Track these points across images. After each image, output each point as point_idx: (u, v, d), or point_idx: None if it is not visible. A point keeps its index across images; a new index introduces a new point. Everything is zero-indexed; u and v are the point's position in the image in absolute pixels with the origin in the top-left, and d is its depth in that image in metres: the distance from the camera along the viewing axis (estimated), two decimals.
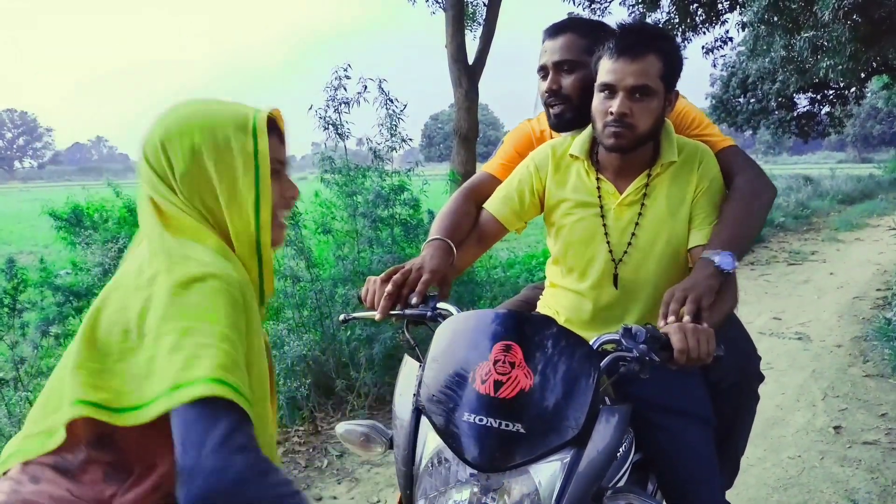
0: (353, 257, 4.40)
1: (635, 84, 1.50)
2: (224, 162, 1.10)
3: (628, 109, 1.52)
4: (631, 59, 1.50)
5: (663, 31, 1.62)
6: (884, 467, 3.18)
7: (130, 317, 0.98)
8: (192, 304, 0.95)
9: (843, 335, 5.35)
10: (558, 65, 1.78)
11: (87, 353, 0.98)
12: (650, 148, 1.64)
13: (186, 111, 1.12)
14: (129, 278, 1.03)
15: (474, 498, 1.19)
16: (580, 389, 1.21)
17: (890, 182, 22.06)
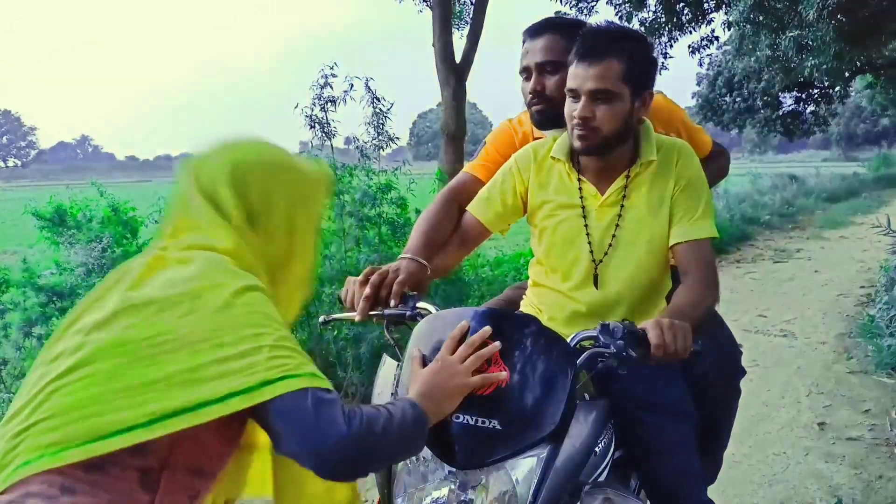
0: (340, 256, 4.40)
1: (594, 88, 1.51)
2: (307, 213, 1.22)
3: (590, 113, 1.53)
4: (589, 63, 1.51)
5: (627, 32, 1.62)
6: (867, 463, 3.22)
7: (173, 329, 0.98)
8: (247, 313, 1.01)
9: (828, 332, 5.40)
10: (541, 66, 1.79)
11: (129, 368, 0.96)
12: (629, 148, 1.64)
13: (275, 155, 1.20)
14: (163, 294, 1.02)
15: (452, 495, 1.20)
16: (557, 385, 1.22)
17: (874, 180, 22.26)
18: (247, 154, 1.17)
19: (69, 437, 0.91)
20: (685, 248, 1.60)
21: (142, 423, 0.92)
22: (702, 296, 1.51)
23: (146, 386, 0.94)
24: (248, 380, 0.95)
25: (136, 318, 0.99)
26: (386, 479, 1.30)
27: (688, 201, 1.62)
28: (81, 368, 0.96)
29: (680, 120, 1.96)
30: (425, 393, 1.17)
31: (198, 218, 1.13)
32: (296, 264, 1.21)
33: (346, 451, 0.97)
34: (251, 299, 1.03)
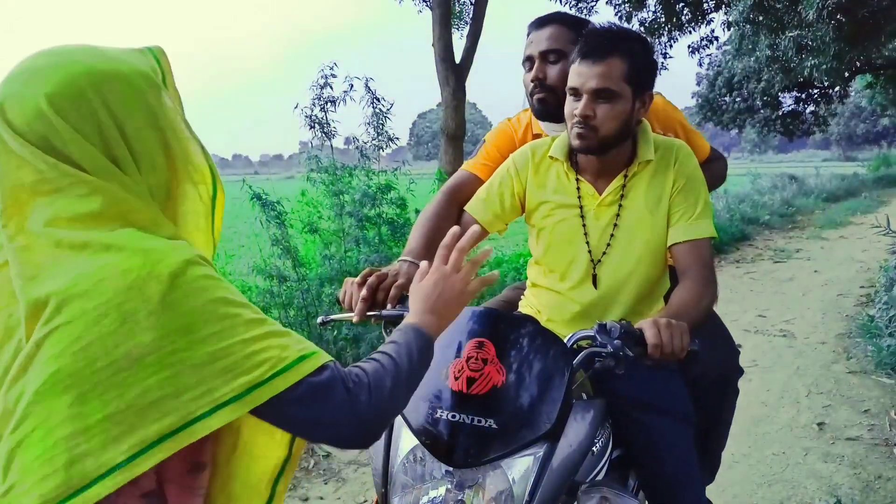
0: (340, 256, 4.40)
1: (597, 87, 1.51)
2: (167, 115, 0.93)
3: (591, 112, 1.53)
4: (593, 62, 1.52)
5: (630, 33, 1.62)
6: (866, 463, 3.21)
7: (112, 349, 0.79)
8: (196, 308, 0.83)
9: (827, 332, 5.40)
10: (544, 54, 1.80)
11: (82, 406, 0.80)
12: (628, 148, 1.65)
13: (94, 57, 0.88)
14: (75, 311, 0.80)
15: (449, 494, 1.20)
16: (553, 385, 1.22)
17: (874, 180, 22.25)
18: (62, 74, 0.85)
19: (58, 492, 0.79)
20: (683, 247, 1.60)
21: (124, 460, 0.80)
22: (700, 295, 1.51)
23: (113, 418, 0.79)
24: (232, 386, 0.84)
25: (60, 345, 0.79)
26: (383, 479, 1.31)
27: (686, 201, 1.62)
28: (33, 416, 0.80)
29: (678, 122, 1.97)
30: (428, 308, 1.13)
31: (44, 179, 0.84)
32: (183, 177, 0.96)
33: (361, 428, 0.94)
34: (190, 285, 0.83)
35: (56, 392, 0.79)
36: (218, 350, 0.83)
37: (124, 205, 0.87)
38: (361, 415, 0.93)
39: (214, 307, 0.84)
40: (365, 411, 0.93)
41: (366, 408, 0.93)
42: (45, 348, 0.80)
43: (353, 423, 0.92)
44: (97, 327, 0.79)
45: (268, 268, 4.20)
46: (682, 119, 1.99)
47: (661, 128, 1.87)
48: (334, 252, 4.48)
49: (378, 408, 0.95)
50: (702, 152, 2.00)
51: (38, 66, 0.86)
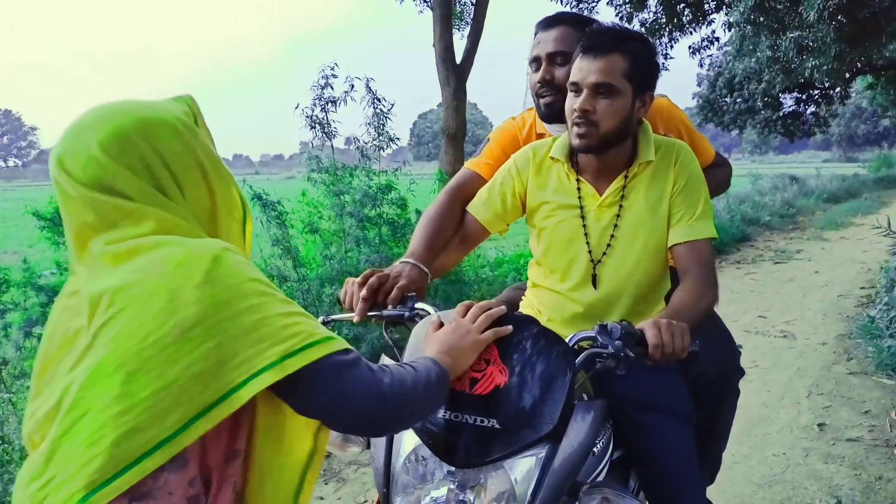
0: (341, 256, 4.41)
1: (597, 81, 1.51)
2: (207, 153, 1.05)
3: (591, 106, 1.53)
4: (594, 57, 1.52)
5: (634, 33, 1.62)
6: (867, 464, 3.21)
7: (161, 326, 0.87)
8: (234, 284, 0.91)
9: (828, 333, 5.40)
10: (552, 56, 1.79)
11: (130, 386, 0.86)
12: (628, 148, 1.64)
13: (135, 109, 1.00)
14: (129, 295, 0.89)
15: (451, 494, 1.20)
16: (555, 385, 1.22)
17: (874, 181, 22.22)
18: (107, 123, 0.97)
19: (95, 478, 0.83)
20: (684, 248, 1.60)
21: (170, 435, 0.85)
22: (700, 296, 1.50)
23: (159, 394, 0.85)
24: (267, 354, 0.90)
25: (113, 331, 0.87)
26: (385, 479, 1.31)
27: (686, 202, 1.62)
28: (84, 400, 0.87)
29: (683, 124, 1.95)
30: (443, 351, 1.21)
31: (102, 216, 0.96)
32: (221, 202, 1.07)
33: (383, 407, 0.99)
34: (229, 265, 0.92)
35: (107, 374, 0.86)
36: (256, 321, 0.91)
37: (171, 224, 0.97)
38: (384, 392, 0.99)
39: (252, 284, 0.93)
40: (388, 391, 0.99)
41: (388, 388, 1.00)
42: (100, 337, 0.88)
43: (376, 398, 0.98)
44: (147, 308, 0.87)
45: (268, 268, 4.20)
46: (686, 122, 1.98)
47: (664, 130, 1.87)
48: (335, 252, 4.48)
49: (399, 394, 1.01)
50: (706, 157, 1.98)
51: (89, 121, 0.97)
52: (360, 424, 1.01)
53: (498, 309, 1.32)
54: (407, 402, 1.03)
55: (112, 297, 0.89)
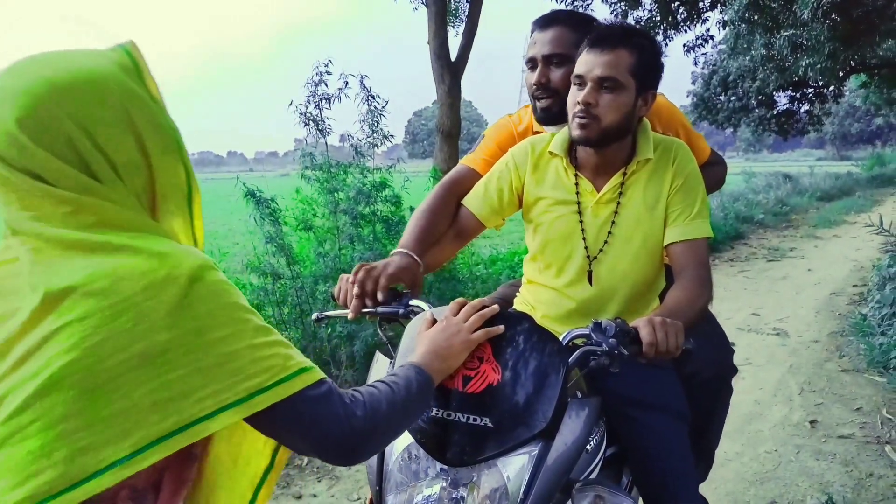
0: (335, 254, 4.39)
1: (602, 75, 1.51)
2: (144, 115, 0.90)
3: (594, 100, 1.53)
4: (601, 51, 1.52)
5: (642, 31, 1.62)
6: (858, 460, 3.23)
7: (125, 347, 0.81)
8: (211, 311, 0.85)
9: (821, 331, 5.42)
10: (547, 58, 1.78)
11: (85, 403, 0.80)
12: (627, 146, 1.64)
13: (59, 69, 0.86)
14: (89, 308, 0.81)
15: (444, 493, 1.20)
16: (548, 383, 1.22)
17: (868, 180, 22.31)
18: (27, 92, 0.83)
19: (42, 490, 0.78)
20: (680, 247, 1.61)
21: (124, 457, 0.81)
22: (695, 295, 1.51)
23: (118, 416, 0.80)
24: (236, 390, 0.86)
25: (71, 340, 0.80)
26: (378, 477, 1.31)
27: (684, 201, 1.62)
28: (31, 409, 0.79)
29: (680, 123, 1.95)
30: (432, 350, 1.21)
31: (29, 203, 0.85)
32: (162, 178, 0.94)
33: (353, 442, 0.95)
34: (208, 288, 0.86)
35: (62, 386, 0.79)
36: (228, 353, 0.86)
37: (112, 214, 0.87)
38: (355, 428, 0.95)
39: (227, 311, 0.87)
40: (358, 426, 0.95)
41: (360, 422, 0.95)
42: (52, 343, 0.80)
43: (345, 434, 0.94)
44: (112, 325, 0.80)
45: (262, 265, 4.18)
46: (683, 120, 1.98)
47: (662, 128, 1.87)
48: (329, 250, 4.47)
49: (371, 425, 0.97)
50: (702, 155, 1.99)
51: (6, 87, 0.84)
52: (332, 458, 0.97)
53: (490, 309, 1.32)
54: (382, 428, 1.00)
55: (72, 303, 0.81)
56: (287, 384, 0.90)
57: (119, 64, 0.91)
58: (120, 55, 0.92)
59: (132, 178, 0.90)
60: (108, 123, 0.87)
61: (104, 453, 0.80)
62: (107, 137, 0.87)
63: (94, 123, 0.86)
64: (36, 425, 0.79)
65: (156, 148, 0.92)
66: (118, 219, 0.88)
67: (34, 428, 0.79)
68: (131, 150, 0.89)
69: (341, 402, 0.95)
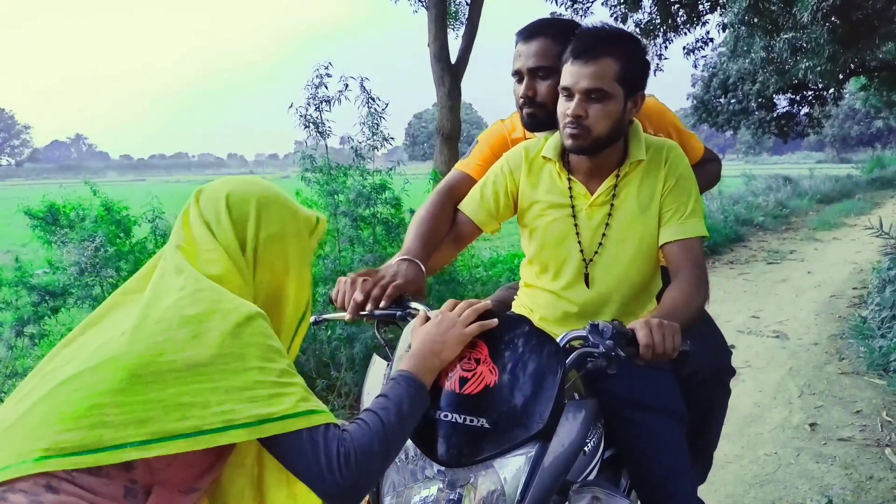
0: (334, 256, 4.39)
1: (589, 87, 1.51)
2: (301, 248, 1.26)
3: (583, 112, 1.53)
4: (585, 62, 1.51)
5: (623, 34, 1.62)
6: (858, 463, 3.23)
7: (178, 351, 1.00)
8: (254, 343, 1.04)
9: (820, 333, 5.42)
10: (532, 71, 1.78)
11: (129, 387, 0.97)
12: (619, 148, 1.65)
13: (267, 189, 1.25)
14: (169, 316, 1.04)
15: (440, 494, 1.20)
16: (545, 385, 1.22)
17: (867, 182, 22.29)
18: (245, 187, 1.22)
19: (58, 446, 0.92)
20: (675, 247, 1.61)
21: (137, 441, 0.94)
22: (691, 295, 1.51)
23: (146, 405, 0.95)
24: (249, 414, 0.99)
25: (141, 335, 1.00)
26: None
27: (677, 200, 1.63)
28: (80, 378, 0.97)
29: (671, 123, 1.97)
30: (426, 345, 1.26)
31: (196, 241, 1.18)
32: (290, 298, 1.24)
33: (348, 489, 1.04)
34: (258, 328, 1.06)
35: (115, 367, 0.97)
36: (253, 381, 1.01)
37: (230, 278, 1.14)
38: (341, 485, 1.03)
39: (266, 350, 1.05)
40: (349, 477, 1.04)
41: (351, 474, 1.04)
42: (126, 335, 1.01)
43: (335, 485, 1.03)
44: (175, 332, 1.01)
45: None
46: (674, 120, 1.99)
47: (653, 129, 1.87)
48: (328, 252, 4.47)
49: (363, 473, 1.05)
50: (695, 153, 2.00)
51: (238, 181, 1.24)
52: (327, 499, 1.07)
53: (483, 304, 1.35)
54: (376, 466, 1.09)
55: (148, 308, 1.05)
56: (294, 420, 1.02)
57: (306, 217, 1.29)
58: (310, 215, 1.31)
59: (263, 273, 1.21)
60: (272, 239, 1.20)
61: (124, 432, 0.94)
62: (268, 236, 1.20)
63: (267, 224, 1.20)
64: (80, 393, 0.96)
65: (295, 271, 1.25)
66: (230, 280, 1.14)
67: (77, 395, 0.96)
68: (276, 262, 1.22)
69: (337, 451, 1.04)
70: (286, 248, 1.22)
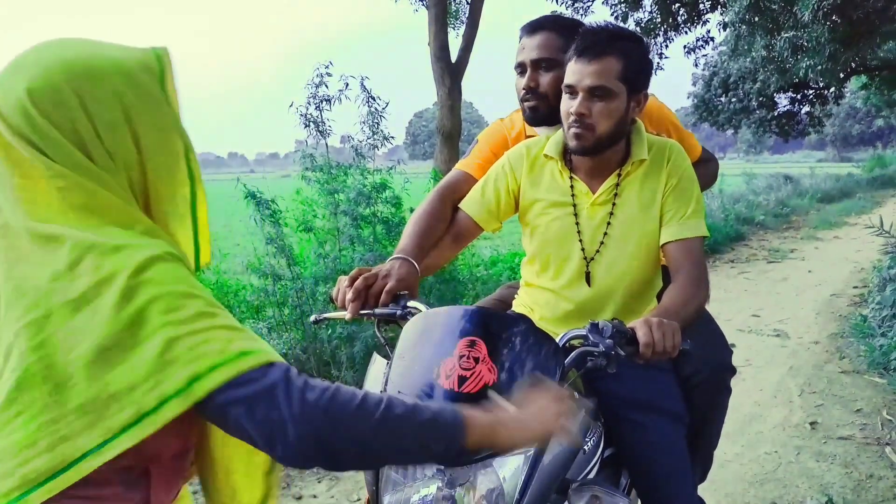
0: (335, 255, 4.39)
1: (592, 85, 1.52)
2: (148, 114, 0.93)
3: (587, 110, 1.54)
4: (589, 60, 1.52)
5: (626, 32, 1.63)
6: (858, 462, 3.23)
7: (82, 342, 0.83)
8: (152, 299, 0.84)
9: (821, 332, 5.42)
10: (535, 63, 1.80)
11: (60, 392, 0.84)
12: (622, 147, 1.65)
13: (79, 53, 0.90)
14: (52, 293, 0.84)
15: (439, 492, 1.20)
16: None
17: (868, 181, 22.30)
18: (43, 69, 0.88)
19: (28, 480, 0.83)
20: (675, 247, 1.61)
21: (96, 445, 0.83)
22: (691, 295, 1.51)
23: (83, 407, 0.83)
24: (175, 381, 0.83)
25: (37, 338, 0.83)
26: (374, 477, 1.31)
27: (678, 200, 1.63)
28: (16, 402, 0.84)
29: (670, 122, 1.98)
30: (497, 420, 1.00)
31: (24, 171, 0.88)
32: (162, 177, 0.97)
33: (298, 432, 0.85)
34: (152, 279, 0.85)
35: (38, 381, 0.83)
36: (166, 341, 0.83)
37: (102, 199, 0.89)
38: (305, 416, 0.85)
39: (167, 300, 0.85)
40: (310, 413, 0.85)
41: (311, 410, 0.85)
42: (21, 339, 0.84)
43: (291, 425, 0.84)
44: (71, 321, 0.83)
45: (262, 266, 4.19)
46: (674, 120, 2.00)
47: (653, 128, 1.88)
48: (329, 251, 4.47)
49: (328, 419, 0.86)
50: (693, 152, 2.01)
51: (28, 59, 0.89)
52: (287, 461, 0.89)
53: None
54: (344, 428, 0.87)
55: (35, 299, 0.84)
56: (222, 369, 0.84)
57: (142, 62, 0.94)
58: (147, 56, 0.95)
59: (126, 170, 0.92)
60: (109, 111, 0.89)
61: (79, 442, 0.83)
62: (106, 124, 0.89)
63: (97, 108, 0.88)
64: (21, 418, 0.84)
65: (152, 147, 0.94)
66: (104, 205, 0.90)
67: (20, 421, 0.84)
68: (126, 143, 0.91)
69: (288, 387, 0.86)
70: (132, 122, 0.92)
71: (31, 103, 0.86)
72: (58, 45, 0.90)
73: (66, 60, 0.88)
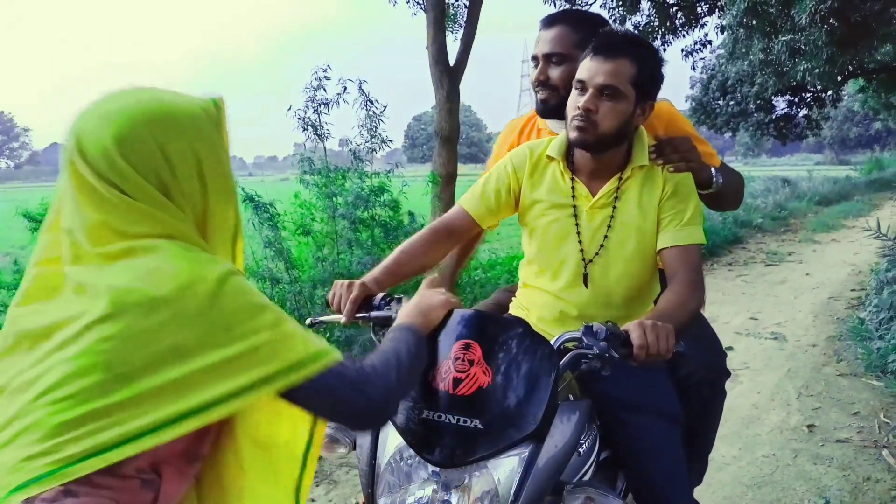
0: (333, 258, 4.40)
1: (603, 83, 1.53)
2: (213, 159, 1.06)
3: (594, 106, 1.55)
4: (604, 59, 1.54)
5: (644, 41, 1.65)
6: (855, 465, 3.23)
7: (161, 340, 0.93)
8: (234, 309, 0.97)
9: (818, 335, 5.42)
10: (547, 56, 1.84)
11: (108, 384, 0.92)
12: (623, 151, 1.66)
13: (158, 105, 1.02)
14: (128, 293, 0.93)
15: (435, 494, 1.21)
16: (539, 386, 1.23)
17: (866, 184, 22.30)
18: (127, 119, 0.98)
19: (65, 457, 0.89)
20: (672, 252, 1.62)
21: (143, 432, 0.91)
22: (687, 298, 1.52)
23: (140, 397, 0.91)
24: (251, 377, 0.96)
25: (108, 331, 0.91)
26: (370, 479, 1.32)
27: (675, 207, 1.63)
28: (64, 387, 0.91)
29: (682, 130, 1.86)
30: (415, 307, 1.33)
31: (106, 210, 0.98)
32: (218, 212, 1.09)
33: (373, 411, 1.08)
34: (232, 289, 0.97)
35: (97, 370, 0.91)
36: (249, 345, 0.96)
37: (171, 229, 1.01)
38: (372, 401, 1.06)
39: (251, 309, 0.98)
40: (376, 398, 1.07)
41: (377, 396, 1.07)
42: (92, 332, 0.92)
43: (364, 407, 1.06)
44: (146, 320, 0.92)
45: (260, 269, 4.20)
46: (687, 128, 1.90)
47: (665, 134, 1.83)
48: (327, 254, 4.48)
49: (385, 391, 1.09)
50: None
51: (108, 109, 1.00)
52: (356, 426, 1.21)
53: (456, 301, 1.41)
54: (395, 389, 1.12)
55: (112, 299, 0.92)
56: (299, 370, 1.00)
57: (206, 111, 1.07)
58: (209, 105, 1.09)
59: (193, 206, 1.05)
60: (185, 157, 1.02)
61: (126, 428, 0.91)
62: (182, 168, 1.02)
63: (175, 156, 1.01)
64: (70, 401, 0.91)
65: (214, 187, 1.06)
66: (172, 231, 1.01)
67: (67, 403, 0.91)
68: (196, 183, 1.04)
69: (354, 378, 1.06)
70: (201, 166, 1.04)
71: (118, 152, 0.97)
72: (135, 96, 1.02)
73: (147, 112, 1.00)
